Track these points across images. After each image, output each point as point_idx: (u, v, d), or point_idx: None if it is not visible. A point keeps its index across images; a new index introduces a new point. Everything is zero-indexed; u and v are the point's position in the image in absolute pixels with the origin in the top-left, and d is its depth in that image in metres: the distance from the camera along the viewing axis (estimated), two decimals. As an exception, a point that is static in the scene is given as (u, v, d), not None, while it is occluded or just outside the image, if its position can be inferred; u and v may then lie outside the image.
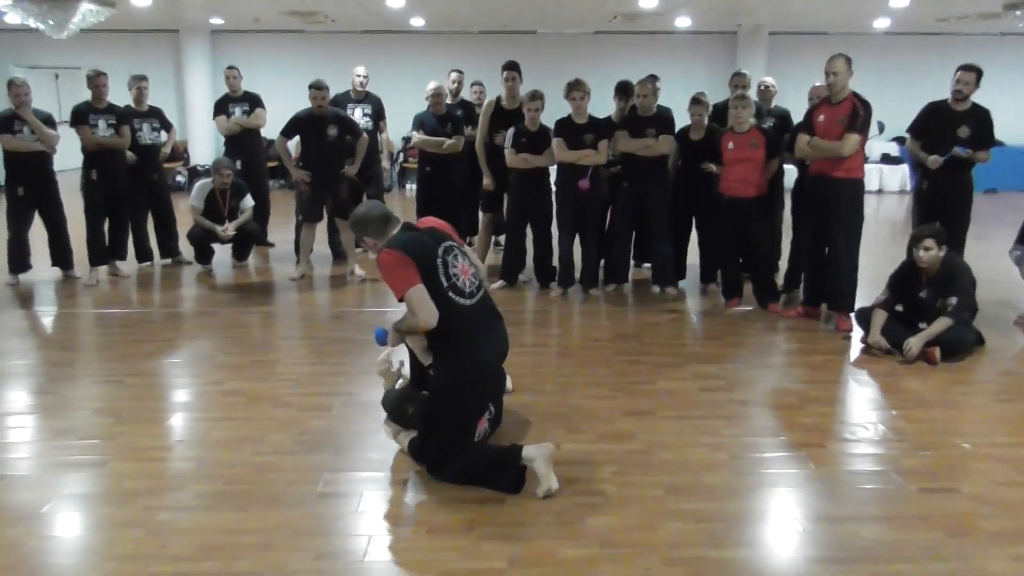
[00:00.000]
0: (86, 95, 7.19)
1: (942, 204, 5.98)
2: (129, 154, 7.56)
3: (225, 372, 4.88)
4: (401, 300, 3.41)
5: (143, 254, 7.86)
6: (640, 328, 5.90)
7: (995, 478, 3.50)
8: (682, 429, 4.01)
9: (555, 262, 6.98)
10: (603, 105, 7.01)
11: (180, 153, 14.63)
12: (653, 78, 6.84)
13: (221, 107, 8.52)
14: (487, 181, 7.12)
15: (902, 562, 2.83)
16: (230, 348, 5.35)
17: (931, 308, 5.16)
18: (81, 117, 7.05)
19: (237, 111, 8.44)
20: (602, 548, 2.91)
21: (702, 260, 7.06)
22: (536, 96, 6.63)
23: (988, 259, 7.21)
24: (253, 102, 8.52)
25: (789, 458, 3.70)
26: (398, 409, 3.49)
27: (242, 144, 8.48)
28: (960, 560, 2.85)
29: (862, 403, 4.53)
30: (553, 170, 6.83)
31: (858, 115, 5.49)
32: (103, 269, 7.38)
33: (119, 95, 7.55)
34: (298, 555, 2.86)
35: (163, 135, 7.99)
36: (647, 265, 7.45)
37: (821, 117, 5.68)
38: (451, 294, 3.46)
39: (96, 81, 7.13)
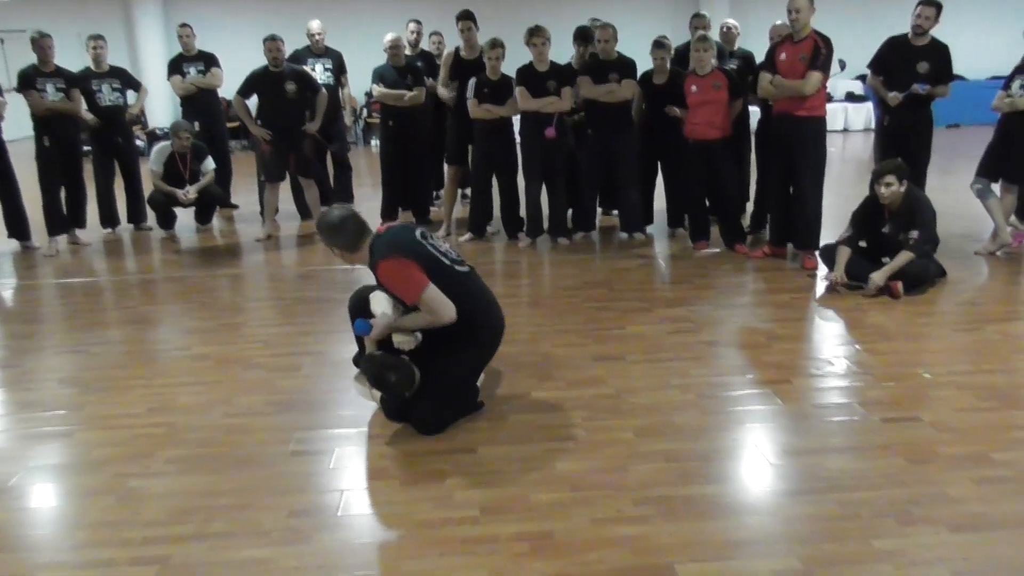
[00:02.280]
0: (33, 59, 7.00)
1: (903, 139, 6.02)
2: (91, 117, 7.41)
3: (193, 337, 4.85)
4: (414, 304, 3.37)
5: (109, 219, 7.73)
6: (609, 275, 5.92)
7: (955, 405, 3.57)
8: (651, 372, 4.05)
9: (522, 212, 6.96)
10: (561, 53, 6.92)
11: (137, 117, 14.30)
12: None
13: (175, 67, 8.32)
14: (444, 94, 7.11)
15: (866, 490, 2.89)
16: (197, 313, 5.31)
17: (894, 243, 5.22)
18: (28, 81, 6.87)
19: (192, 71, 8.26)
20: (573, 491, 2.95)
21: (669, 204, 7.07)
22: (496, 44, 6.55)
23: (950, 193, 7.30)
24: (208, 61, 8.33)
25: (756, 395, 3.75)
26: (380, 377, 3.44)
27: (200, 105, 8.32)
28: (921, 485, 2.91)
29: (827, 339, 4.59)
30: (516, 119, 6.77)
31: (820, 53, 5.48)
32: (63, 238, 7.24)
33: (69, 57, 7.36)
34: (272, 514, 2.86)
35: (130, 96, 7.81)
36: (615, 212, 7.44)
37: (783, 55, 5.66)
38: (455, 267, 3.51)
39: (41, 43, 6.92)
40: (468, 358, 3.57)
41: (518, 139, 6.83)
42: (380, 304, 3.51)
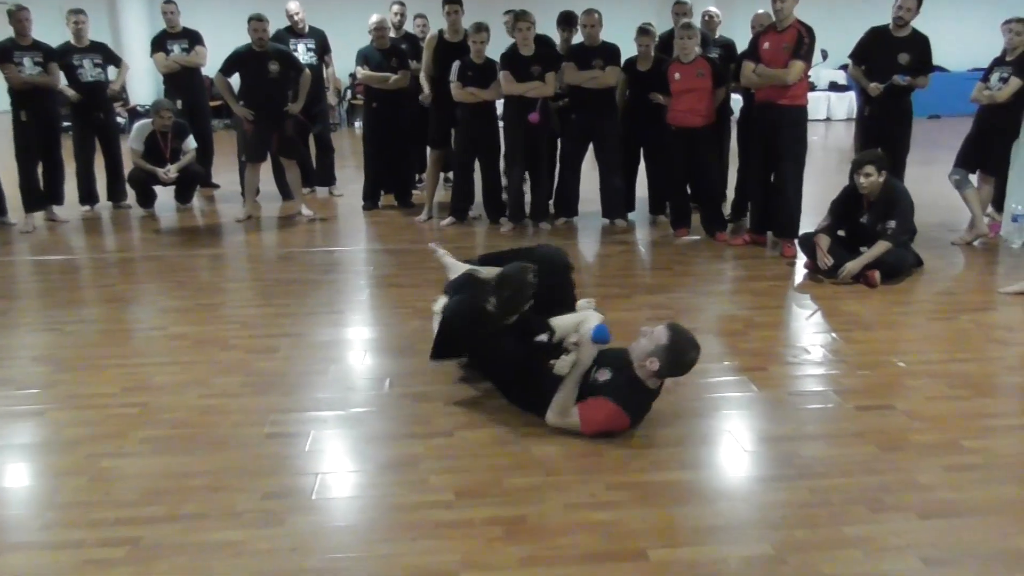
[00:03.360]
0: (9, 32, 6.89)
1: (884, 129, 6.05)
2: (72, 92, 7.33)
3: (169, 316, 4.82)
4: (585, 430, 3.22)
5: (88, 197, 7.65)
6: (590, 261, 5.93)
7: (928, 394, 3.61)
8: (629, 358, 4.05)
9: (505, 197, 6.94)
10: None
11: (119, 93, 14.14)
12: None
13: (159, 44, 8.18)
14: (424, 95, 7.12)
15: (838, 476, 2.92)
16: (174, 292, 5.27)
17: (872, 232, 5.24)
18: (4, 55, 6.76)
19: (176, 48, 8.12)
20: (547, 476, 2.95)
21: (651, 191, 7.07)
22: (481, 28, 6.51)
23: (929, 183, 7.35)
24: (193, 39, 8.20)
25: (732, 382, 3.77)
26: (524, 283, 3.39)
27: (182, 83, 8.20)
28: (893, 472, 2.94)
29: (804, 327, 4.62)
30: (500, 103, 6.74)
31: (803, 42, 5.49)
32: (39, 215, 7.17)
33: (50, 32, 7.26)
34: (245, 496, 2.85)
35: (110, 71, 7.71)
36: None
37: (766, 44, 5.66)
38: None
39: (18, 16, 6.82)
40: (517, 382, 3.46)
41: (501, 123, 6.80)
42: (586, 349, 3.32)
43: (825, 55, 6.37)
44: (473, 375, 3.76)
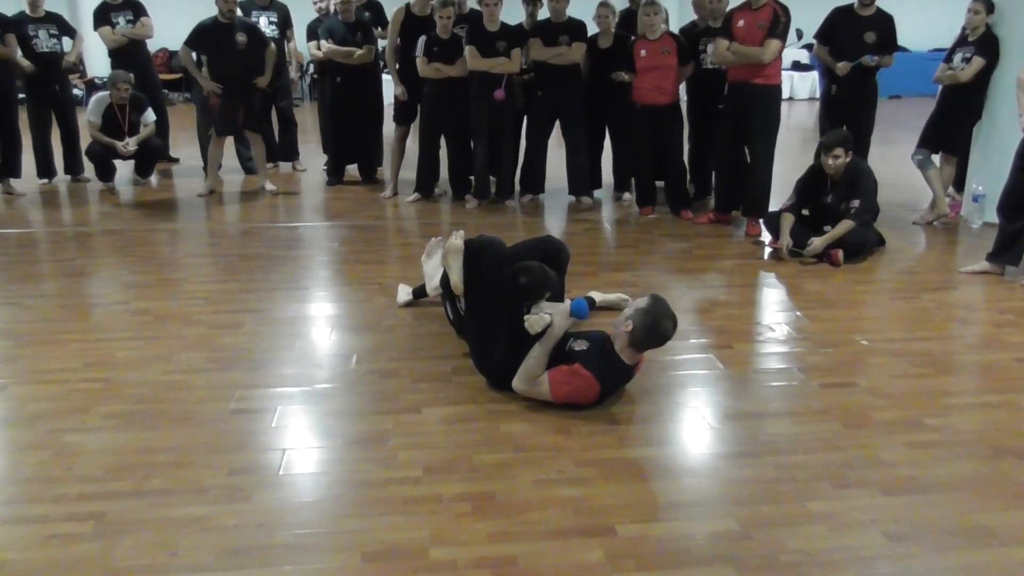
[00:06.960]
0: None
1: (850, 109, 6.11)
2: (26, 63, 7.13)
3: (132, 291, 4.74)
4: (555, 395, 3.25)
5: (46, 170, 7.48)
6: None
7: (890, 371, 3.66)
8: (596, 335, 4.06)
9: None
10: (513, 14, 6.82)
11: (75, 65, 13.79)
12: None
13: (103, 17, 7.81)
14: (398, 90, 6.92)
15: (802, 453, 2.95)
16: (136, 267, 5.18)
17: (836, 211, 5.29)
18: (-44, 25, 6.58)
19: (121, 20, 7.81)
20: (516, 452, 2.96)
21: (616, 169, 7.07)
22: (448, 3, 6.43)
23: (891, 164, 7.43)
24: (136, 9, 7.88)
25: (698, 360, 3.80)
26: (546, 279, 3.56)
27: (131, 57, 7.85)
28: (856, 449, 2.99)
29: (769, 305, 4.67)
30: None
31: (779, 21, 5.48)
32: (-4, 188, 7.02)
33: (2, 1, 7.06)
34: (211, 471, 2.82)
35: (66, 43, 7.51)
36: None
37: (740, 22, 5.63)
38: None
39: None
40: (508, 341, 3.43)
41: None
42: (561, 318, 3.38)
43: (800, 34, 6.40)
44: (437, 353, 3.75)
